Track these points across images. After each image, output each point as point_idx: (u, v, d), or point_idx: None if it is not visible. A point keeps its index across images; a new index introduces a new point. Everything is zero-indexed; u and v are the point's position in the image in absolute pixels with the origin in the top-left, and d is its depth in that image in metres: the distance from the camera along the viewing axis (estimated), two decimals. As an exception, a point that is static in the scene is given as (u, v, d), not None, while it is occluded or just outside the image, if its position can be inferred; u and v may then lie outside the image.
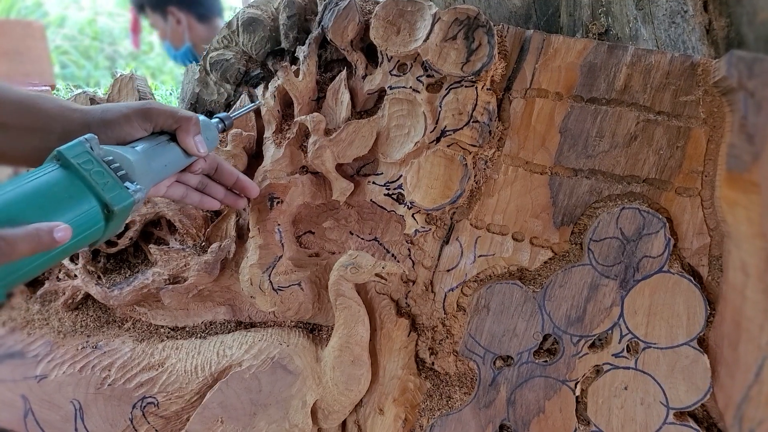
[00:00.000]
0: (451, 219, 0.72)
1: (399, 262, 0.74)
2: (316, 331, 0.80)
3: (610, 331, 0.67)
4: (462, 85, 0.67)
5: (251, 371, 0.74)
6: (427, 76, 0.68)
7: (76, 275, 0.83)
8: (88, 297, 0.86)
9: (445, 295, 0.73)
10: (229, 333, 0.81)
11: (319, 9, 0.73)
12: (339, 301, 0.72)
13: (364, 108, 0.74)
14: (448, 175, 0.69)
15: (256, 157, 0.77)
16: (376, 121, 0.71)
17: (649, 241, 0.65)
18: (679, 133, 0.64)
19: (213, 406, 0.74)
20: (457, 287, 0.72)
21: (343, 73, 0.72)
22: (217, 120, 0.68)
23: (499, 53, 0.67)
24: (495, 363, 0.71)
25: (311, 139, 0.72)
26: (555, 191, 0.68)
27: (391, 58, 0.69)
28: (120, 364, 0.78)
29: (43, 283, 0.87)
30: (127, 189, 0.51)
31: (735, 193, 0.59)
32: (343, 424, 0.78)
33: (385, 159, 0.72)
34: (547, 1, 0.74)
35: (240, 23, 0.76)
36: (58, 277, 0.87)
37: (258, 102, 0.74)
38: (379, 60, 0.71)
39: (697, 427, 0.65)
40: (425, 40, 0.65)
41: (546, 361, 0.69)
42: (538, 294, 0.68)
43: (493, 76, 0.67)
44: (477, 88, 0.67)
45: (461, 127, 0.68)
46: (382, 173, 0.73)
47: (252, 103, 0.75)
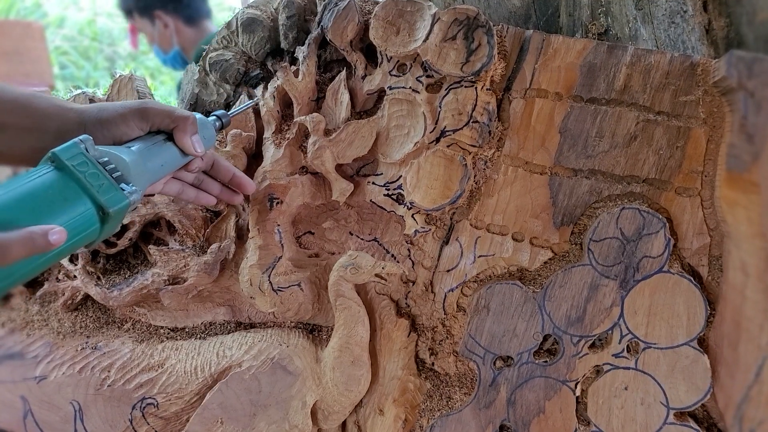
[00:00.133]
0: (450, 219, 0.72)
1: (399, 262, 0.74)
2: (315, 332, 0.80)
3: (610, 332, 0.67)
4: (462, 86, 0.67)
5: (251, 372, 0.74)
6: (427, 77, 0.68)
7: (75, 276, 0.83)
8: (87, 298, 0.86)
9: (445, 295, 0.73)
10: (228, 334, 0.81)
11: (319, 9, 0.73)
12: (339, 302, 0.72)
13: (364, 108, 0.74)
14: (447, 176, 0.69)
15: (255, 157, 0.77)
16: (375, 122, 0.71)
17: (649, 241, 0.65)
18: (679, 133, 0.64)
19: (213, 407, 0.74)
20: (457, 287, 0.72)
21: (343, 73, 0.72)
22: (214, 118, 0.67)
23: (498, 53, 0.66)
24: (495, 363, 0.70)
25: (311, 140, 0.72)
26: (555, 191, 0.68)
27: (391, 58, 0.69)
28: (120, 365, 0.78)
29: (42, 284, 0.87)
30: (123, 191, 0.51)
31: (735, 193, 0.59)
32: (343, 424, 0.78)
33: (384, 159, 0.72)
34: (547, 1, 0.74)
35: (239, 23, 0.76)
36: (57, 278, 0.87)
37: (256, 99, 0.74)
38: (379, 60, 0.71)
39: (697, 428, 0.65)
40: (425, 41, 0.65)
41: (546, 361, 0.69)
42: (538, 294, 0.68)
43: (492, 77, 0.67)
44: (477, 88, 0.67)
45: (461, 128, 0.68)
46: (382, 173, 0.73)
47: (249, 103, 0.75)
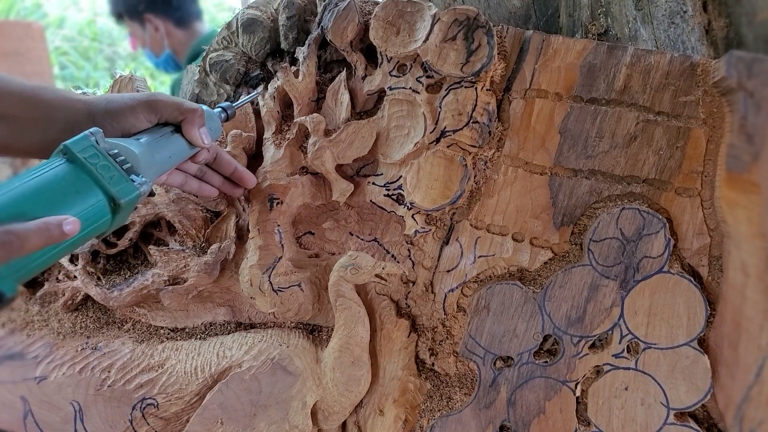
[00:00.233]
0: (450, 219, 0.72)
1: (399, 262, 0.74)
2: (316, 332, 0.80)
3: (611, 332, 0.67)
4: (462, 86, 0.67)
5: (251, 372, 0.74)
6: (427, 77, 0.68)
7: (75, 276, 0.83)
8: (87, 298, 0.86)
9: (445, 295, 0.73)
10: (228, 334, 0.81)
11: (319, 10, 0.73)
12: (339, 302, 0.72)
13: (364, 109, 0.74)
14: (447, 176, 0.69)
15: (255, 157, 0.77)
16: (375, 122, 0.71)
17: (649, 241, 0.65)
18: (679, 134, 0.64)
19: (213, 407, 0.74)
20: (457, 288, 0.72)
21: (343, 73, 0.72)
22: (219, 110, 0.69)
23: (498, 54, 0.67)
24: (495, 364, 0.70)
25: (311, 140, 0.72)
26: (555, 192, 0.68)
27: (391, 58, 0.69)
28: (120, 366, 0.78)
29: (42, 285, 0.87)
30: (133, 182, 0.52)
31: (735, 193, 0.59)
32: (344, 425, 0.78)
33: (384, 160, 0.72)
34: (547, 1, 0.74)
35: (239, 24, 0.76)
36: (57, 278, 0.87)
37: (259, 90, 0.74)
38: (379, 61, 0.71)
39: (697, 428, 0.65)
40: (425, 41, 0.65)
41: (546, 361, 0.69)
42: (538, 294, 0.68)
43: (492, 77, 0.67)
44: (477, 88, 0.67)
45: (461, 128, 0.68)
46: (382, 174, 0.73)
47: (253, 94, 0.75)
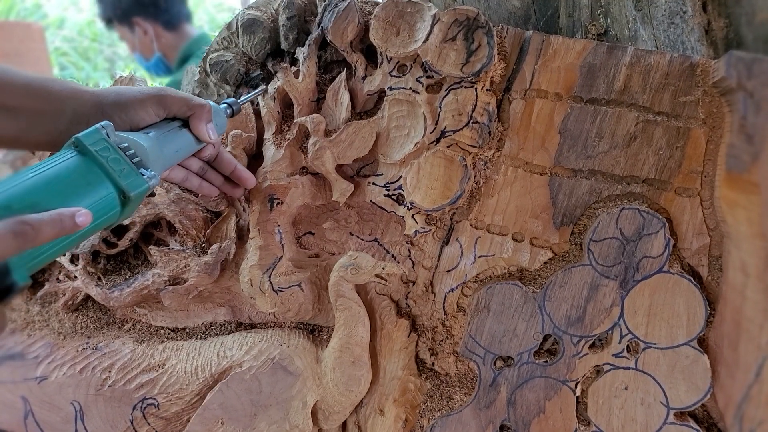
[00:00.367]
0: (451, 220, 0.72)
1: (399, 262, 0.74)
2: (316, 332, 0.80)
3: (611, 332, 0.67)
4: (462, 86, 0.67)
5: (251, 372, 0.74)
6: (427, 77, 0.69)
7: (76, 276, 0.83)
8: (88, 298, 0.86)
9: (445, 295, 0.73)
10: (229, 334, 0.81)
11: (319, 10, 0.73)
12: (339, 302, 0.72)
13: (364, 109, 0.75)
14: (447, 176, 0.69)
15: (256, 158, 0.77)
16: (375, 122, 0.71)
17: (649, 241, 0.65)
18: (679, 134, 0.64)
19: (213, 407, 0.74)
20: (457, 288, 0.72)
21: (343, 74, 0.72)
22: (225, 106, 0.69)
23: (498, 54, 0.67)
24: (495, 363, 0.71)
25: (311, 140, 0.72)
26: (555, 192, 0.68)
27: (391, 59, 0.70)
28: (120, 366, 0.78)
29: (43, 285, 0.87)
30: (142, 175, 0.53)
31: (734, 193, 0.59)
32: (344, 424, 0.78)
33: (384, 160, 0.72)
34: (547, 2, 0.74)
35: (240, 25, 0.76)
36: (58, 278, 0.87)
37: (263, 88, 0.75)
38: (379, 61, 0.71)
39: (697, 427, 0.66)
40: (425, 41, 0.66)
41: (546, 361, 0.69)
42: (538, 294, 0.68)
43: (492, 77, 0.68)
44: (477, 88, 0.67)
45: (461, 128, 0.68)
46: (382, 174, 0.73)
47: (257, 91, 0.75)
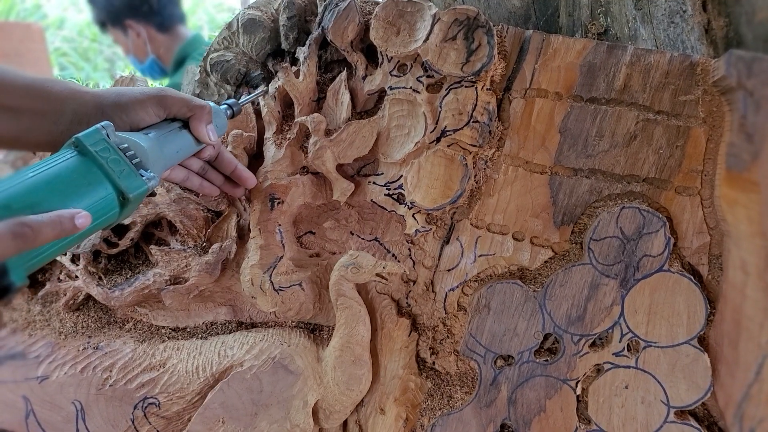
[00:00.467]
0: (451, 219, 0.72)
1: (400, 262, 0.75)
2: (317, 332, 0.80)
3: (611, 330, 0.67)
4: (462, 86, 0.67)
5: (252, 371, 0.74)
6: (427, 77, 0.69)
7: (77, 276, 0.83)
8: (89, 298, 0.86)
9: (446, 294, 0.73)
10: (230, 333, 0.81)
11: (319, 10, 0.73)
12: (340, 301, 0.72)
13: (365, 108, 0.75)
14: (448, 175, 0.69)
15: (256, 157, 0.78)
16: (376, 122, 0.71)
17: (649, 240, 0.65)
18: (679, 133, 0.64)
19: (214, 407, 0.74)
20: (457, 287, 0.72)
21: (344, 73, 0.72)
22: (225, 107, 0.69)
23: (498, 53, 0.67)
24: (496, 362, 0.71)
25: (312, 140, 0.72)
26: (555, 191, 0.68)
27: (391, 58, 0.70)
28: (121, 365, 0.78)
29: (44, 285, 0.87)
30: (142, 177, 0.53)
31: (734, 192, 0.59)
32: (345, 423, 0.78)
33: (385, 159, 0.72)
34: (547, 1, 0.74)
35: (240, 24, 0.77)
36: (59, 278, 0.87)
37: (264, 88, 0.75)
38: (379, 61, 0.71)
39: (697, 426, 0.66)
40: (425, 41, 0.66)
41: (547, 360, 0.69)
42: (538, 293, 0.68)
43: (492, 77, 0.68)
44: (477, 88, 0.67)
45: (461, 127, 0.68)
46: (383, 173, 0.73)
47: (257, 92, 0.75)
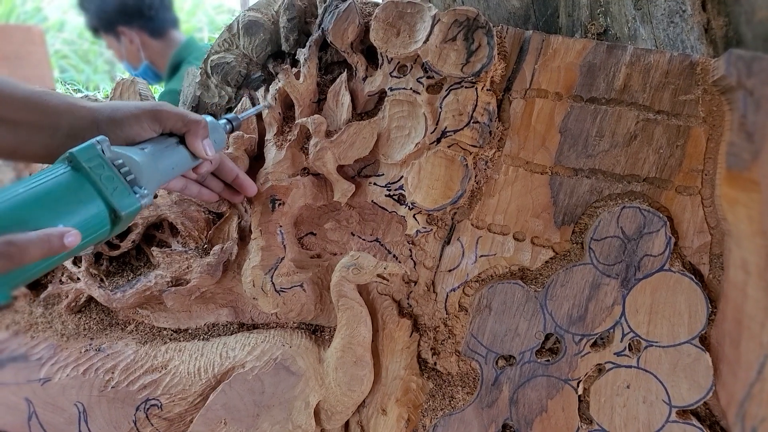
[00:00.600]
0: (452, 219, 0.72)
1: (400, 262, 0.75)
2: (318, 333, 0.80)
3: (612, 330, 0.67)
4: (462, 86, 0.67)
5: (254, 372, 0.74)
6: (428, 78, 0.69)
7: (79, 278, 0.83)
8: (91, 300, 0.86)
9: (447, 295, 0.73)
10: (231, 335, 0.81)
11: (320, 11, 0.73)
12: (341, 302, 0.72)
13: (365, 110, 0.75)
14: (448, 176, 0.69)
15: (257, 159, 0.78)
16: (376, 123, 0.72)
17: (650, 239, 0.65)
18: (679, 132, 0.64)
19: (216, 408, 0.74)
20: (458, 287, 0.72)
21: (344, 75, 0.73)
22: (224, 121, 0.69)
23: (498, 54, 0.67)
24: (497, 362, 0.71)
25: (312, 141, 0.72)
26: (555, 191, 0.68)
27: (391, 59, 0.70)
28: (123, 367, 0.78)
29: (46, 287, 0.88)
30: (135, 194, 0.52)
31: (735, 191, 0.59)
32: (346, 424, 0.78)
33: (385, 160, 0.72)
34: (546, 1, 0.74)
35: (240, 26, 0.77)
36: (61, 280, 0.87)
37: (265, 104, 0.75)
38: (380, 62, 0.71)
39: (699, 425, 0.66)
40: (425, 42, 0.66)
41: (548, 360, 0.69)
42: (539, 293, 0.68)
43: (492, 77, 0.68)
44: (477, 88, 0.67)
45: (461, 128, 0.68)
46: (383, 174, 0.73)
47: (256, 105, 0.75)
